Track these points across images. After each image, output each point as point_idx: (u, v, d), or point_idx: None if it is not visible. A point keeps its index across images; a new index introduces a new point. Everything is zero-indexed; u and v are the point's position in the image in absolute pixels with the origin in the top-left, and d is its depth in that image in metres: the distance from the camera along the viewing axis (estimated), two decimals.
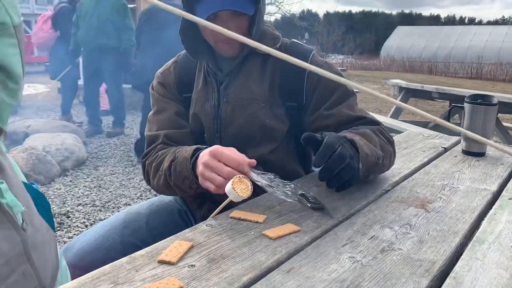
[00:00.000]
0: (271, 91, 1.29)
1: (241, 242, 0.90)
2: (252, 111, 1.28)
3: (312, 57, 1.31)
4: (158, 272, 0.77)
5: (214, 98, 1.31)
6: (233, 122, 1.30)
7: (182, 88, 1.37)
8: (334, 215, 1.03)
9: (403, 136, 1.99)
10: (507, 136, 4.85)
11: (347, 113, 1.27)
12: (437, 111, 8.19)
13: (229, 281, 0.75)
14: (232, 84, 1.30)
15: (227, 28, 1.17)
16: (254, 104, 1.28)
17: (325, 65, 1.31)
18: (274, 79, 1.29)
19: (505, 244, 0.92)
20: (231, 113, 1.29)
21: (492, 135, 2.11)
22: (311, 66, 0.56)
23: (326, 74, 0.53)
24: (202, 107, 1.33)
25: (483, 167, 1.50)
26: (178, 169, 1.17)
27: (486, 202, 1.17)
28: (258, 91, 1.28)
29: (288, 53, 1.32)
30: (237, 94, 1.29)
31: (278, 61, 1.29)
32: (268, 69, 1.30)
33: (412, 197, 1.18)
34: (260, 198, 1.15)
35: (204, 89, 1.34)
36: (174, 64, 1.41)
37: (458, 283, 0.76)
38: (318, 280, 0.76)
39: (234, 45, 1.25)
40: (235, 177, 1.04)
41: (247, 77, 1.30)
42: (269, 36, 1.32)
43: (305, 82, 1.28)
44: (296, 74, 1.28)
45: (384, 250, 0.87)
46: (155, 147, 1.32)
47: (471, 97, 1.65)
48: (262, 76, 1.29)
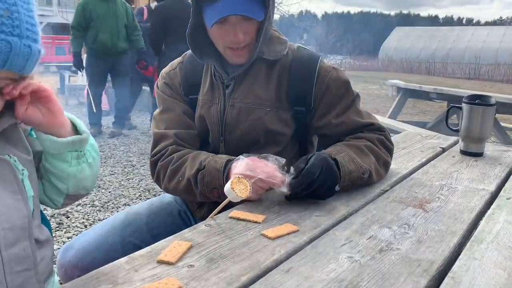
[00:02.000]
0: (277, 95, 1.29)
1: (240, 242, 0.90)
2: (258, 116, 1.28)
3: (320, 62, 1.32)
4: (157, 272, 0.77)
5: (220, 102, 1.31)
6: (237, 127, 1.30)
7: (188, 89, 1.37)
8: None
9: (402, 136, 2.00)
10: (505, 136, 4.86)
11: (356, 120, 1.30)
12: (435, 111, 8.20)
13: (228, 281, 0.75)
14: (237, 89, 1.30)
15: (235, 33, 1.19)
16: (259, 109, 1.28)
17: (333, 71, 1.31)
18: (281, 84, 1.30)
19: (503, 243, 0.92)
20: (236, 118, 1.29)
21: (490, 136, 2.11)
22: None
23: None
24: (208, 110, 1.33)
25: (481, 167, 1.50)
26: (207, 179, 1.17)
27: (484, 202, 1.17)
28: (264, 95, 1.28)
29: (296, 60, 1.32)
30: (242, 99, 1.29)
31: (286, 65, 1.30)
32: (275, 74, 1.30)
33: (410, 197, 1.19)
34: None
35: (210, 91, 1.33)
36: (180, 65, 1.40)
37: (456, 283, 0.76)
38: (317, 280, 0.76)
39: (242, 54, 1.25)
40: (235, 177, 1.04)
41: (253, 82, 1.30)
42: (276, 41, 1.32)
43: (314, 87, 1.29)
44: (304, 78, 1.29)
45: (383, 250, 0.88)
46: (166, 147, 1.30)
47: (469, 97, 1.65)
48: (268, 81, 1.30)
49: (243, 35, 1.20)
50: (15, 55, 0.70)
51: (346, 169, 1.14)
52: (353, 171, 1.16)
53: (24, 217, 0.77)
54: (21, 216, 0.77)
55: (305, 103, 1.30)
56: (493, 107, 1.63)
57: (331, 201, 1.13)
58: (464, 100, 1.65)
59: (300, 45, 1.39)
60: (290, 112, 1.30)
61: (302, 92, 1.29)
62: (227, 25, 1.19)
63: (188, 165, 1.23)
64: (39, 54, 0.75)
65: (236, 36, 1.19)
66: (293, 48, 1.35)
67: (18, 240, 0.76)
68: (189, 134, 1.33)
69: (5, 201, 0.76)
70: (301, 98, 1.29)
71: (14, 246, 0.75)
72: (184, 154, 1.27)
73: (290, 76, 1.29)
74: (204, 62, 1.33)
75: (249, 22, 1.20)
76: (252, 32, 1.22)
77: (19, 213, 0.77)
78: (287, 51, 1.32)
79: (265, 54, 1.28)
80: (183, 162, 1.25)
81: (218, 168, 1.17)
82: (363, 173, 1.19)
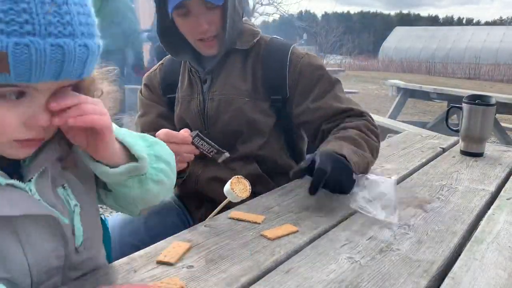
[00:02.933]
0: (254, 85, 1.30)
1: (239, 242, 0.90)
2: (237, 106, 1.29)
3: (292, 50, 1.32)
4: (156, 273, 0.77)
5: (199, 96, 1.33)
6: (219, 119, 1.31)
7: (166, 89, 1.40)
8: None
9: (402, 136, 2.00)
10: (505, 137, 4.86)
11: (334, 105, 1.28)
12: (435, 111, 8.20)
13: (227, 281, 0.75)
14: (215, 82, 1.32)
15: (199, 23, 1.20)
16: (238, 99, 1.30)
17: (306, 57, 1.32)
18: (256, 74, 1.31)
19: (504, 244, 0.92)
20: (216, 110, 1.31)
21: (490, 136, 2.11)
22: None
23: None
24: (187, 106, 1.35)
25: (481, 168, 1.50)
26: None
27: (485, 203, 1.17)
28: (241, 86, 1.30)
29: (268, 49, 1.33)
30: (220, 91, 1.31)
31: (259, 55, 1.32)
32: (249, 64, 1.31)
33: (410, 198, 1.18)
34: (258, 198, 1.15)
35: (189, 88, 1.36)
36: (160, 66, 1.44)
37: (456, 283, 0.76)
38: (316, 280, 0.76)
39: (213, 45, 1.27)
40: (234, 177, 1.04)
41: (229, 74, 1.31)
42: (248, 33, 1.33)
43: (287, 75, 1.29)
44: (277, 67, 1.30)
45: (383, 251, 0.87)
46: None
47: (469, 97, 1.65)
48: (244, 71, 1.31)
49: (208, 25, 1.21)
50: (70, 61, 0.56)
51: (355, 162, 1.12)
52: (360, 163, 1.15)
53: (59, 257, 0.71)
54: (56, 258, 0.70)
55: (281, 92, 1.30)
56: (493, 107, 1.63)
57: (330, 202, 1.13)
58: (464, 100, 1.65)
59: (275, 36, 1.40)
60: (267, 101, 1.31)
61: (277, 81, 1.30)
62: (191, 16, 1.21)
63: None
64: (98, 50, 0.61)
65: (201, 26, 1.21)
66: (266, 39, 1.36)
67: (50, 277, 0.71)
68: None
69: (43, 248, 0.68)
70: (276, 87, 1.30)
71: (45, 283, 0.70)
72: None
73: (264, 65, 1.31)
74: (180, 59, 1.35)
75: (212, 11, 1.21)
76: (216, 21, 1.23)
77: (57, 258, 0.70)
78: (260, 41, 1.33)
79: (237, 45, 1.30)
80: None
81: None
82: (368, 163, 1.20)
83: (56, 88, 0.60)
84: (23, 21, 0.52)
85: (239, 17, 1.29)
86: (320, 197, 1.15)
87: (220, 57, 1.30)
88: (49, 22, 0.53)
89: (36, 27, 0.52)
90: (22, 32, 0.52)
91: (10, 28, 0.51)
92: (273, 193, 1.19)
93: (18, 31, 0.52)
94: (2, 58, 0.51)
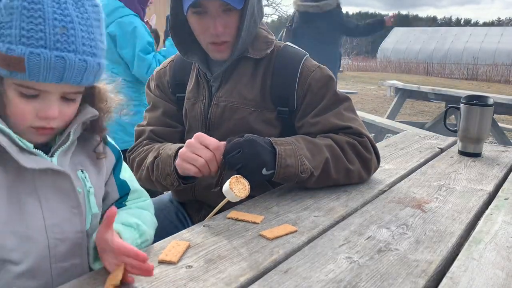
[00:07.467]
0: (262, 95, 1.27)
1: (238, 242, 0.90)
2: (242, 115, 1.26)
3: (304, 62, 1.28)
4: (155, 272, 0.77)
5: (205, 99, 1.30)
6: (222, 125, 1.28)
7: (175, 87, 1.37)
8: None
9: (400, 136, 2.00)
10: (502, 137, 4.87)
11: (332, 122, 1.24)
12: (433, 112, 8.21)
13: (226, 281, 0.75)
14: (222, 87, 1.29)
15: (215, 25, 1.17)
16: (243, 108, 1.26)
17: (317, 70, 1.27)
18: (265, 83, 1.27)
19: (501, 244, 0.92)
20: (220, 117, 1.28)
21: (488, 136, 2.12)
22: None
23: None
24: (191, 108, 1.33)
25: (479, 168, 1.50)
26: (161, 166, 1.18)
27: (482, 202, 1.17)
28: (248, 95, 1.26)
29: (280, 59, 1.29)
30: (227, 97, 1.28)
31: (270, 65, 1.28)
32: (260, 73, 1.28)
33: (408, 198, 1.19)
34: (257, 198, 1.16)
35: (195, 89, 1.33)
36: (170, 63, 1.40)
37: (454, 283, 0.77)
38: (315, 280, 0.76)
39: (224, 49, 1.23)
40: (232, 177, 1.04)
41: (238, 81, 1.28)
42: (262, 40, 1.29)
43: (296, 88, 1.25)
44: (287, 79, 1.26)
45: (381, 251, 0.88)
46: (141, 142, 1.35)
47: (467, 98, 1.65)
48: (253, 81, 1.27)
49: (223, 28, 1.18)
50: (70, 69, 0.74)
51: (283, 162, 1.10)
52: (290, 166, 1.11)
53: (78, 232, 0.81)
54: (74, 231, 0.81)
55: (289, 104, 1.27)
56: (491, 108, 1.63)
57: (329, 202, 1.13)
58: (462, 100, 1.66)
59: (288, 43, 1.36)
60: (274, 112, 1.28)
61: (285, 92, 1.26)
62: (207, 17, 1.17)
63: (150, 154, 1.26)
64: (98, 67, 0.79)
65: (216, 29, 1.17)
66: (279, 46, 1.31)
67: (70, 255, 0.79)
68: (166, 131, 1.35)
69: (60, 213, 0.80)
70: (284, 98, 1.26)
71: (64, 261, 0.78)
72: (152, 146, 1.29)
73: (273, 76, 1.27)
74: (188, 59, 1.31)
75: (229, 15, 1.18)
76: (232, 25, 1.19)
77: (73, 227, 0.80)
78: (273, 50, 1.29)
79: (250, 53, 1.26)
80: (148, 152, 1.28)
81: (170, 154, 1.17)
82: (302, 172, 1.13)
83: (63, 92, 0.78)
84: (39, 37, 0.72)
85: (255, 24, 1.24)
86: (319, 197, 1.15)
87: (230, 63, 1.26)
88: (57, 40, 0.73)
89: (47, 43, 0.72)
90: (37, 45, 0.72)
91: (29, 41, 0.72)
92: (272, 193, 1.20)
93: (34, 44, 0.72)
94: (21, 61, 0.72)
